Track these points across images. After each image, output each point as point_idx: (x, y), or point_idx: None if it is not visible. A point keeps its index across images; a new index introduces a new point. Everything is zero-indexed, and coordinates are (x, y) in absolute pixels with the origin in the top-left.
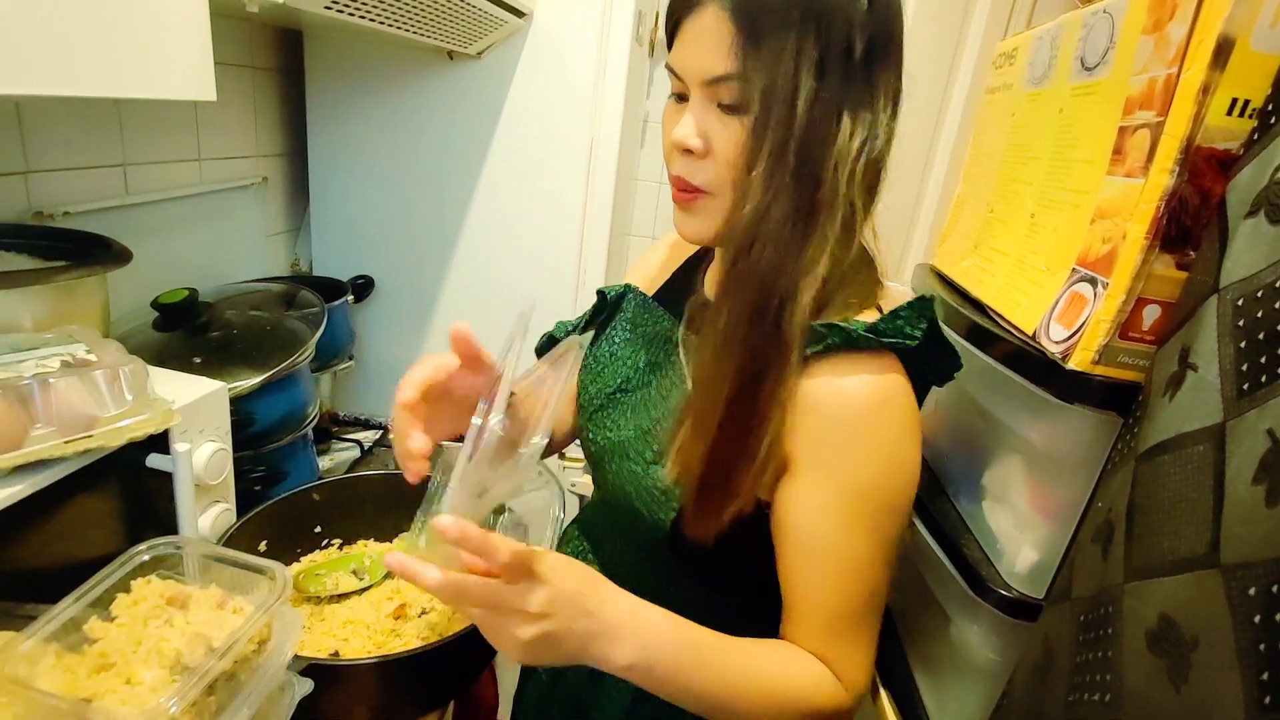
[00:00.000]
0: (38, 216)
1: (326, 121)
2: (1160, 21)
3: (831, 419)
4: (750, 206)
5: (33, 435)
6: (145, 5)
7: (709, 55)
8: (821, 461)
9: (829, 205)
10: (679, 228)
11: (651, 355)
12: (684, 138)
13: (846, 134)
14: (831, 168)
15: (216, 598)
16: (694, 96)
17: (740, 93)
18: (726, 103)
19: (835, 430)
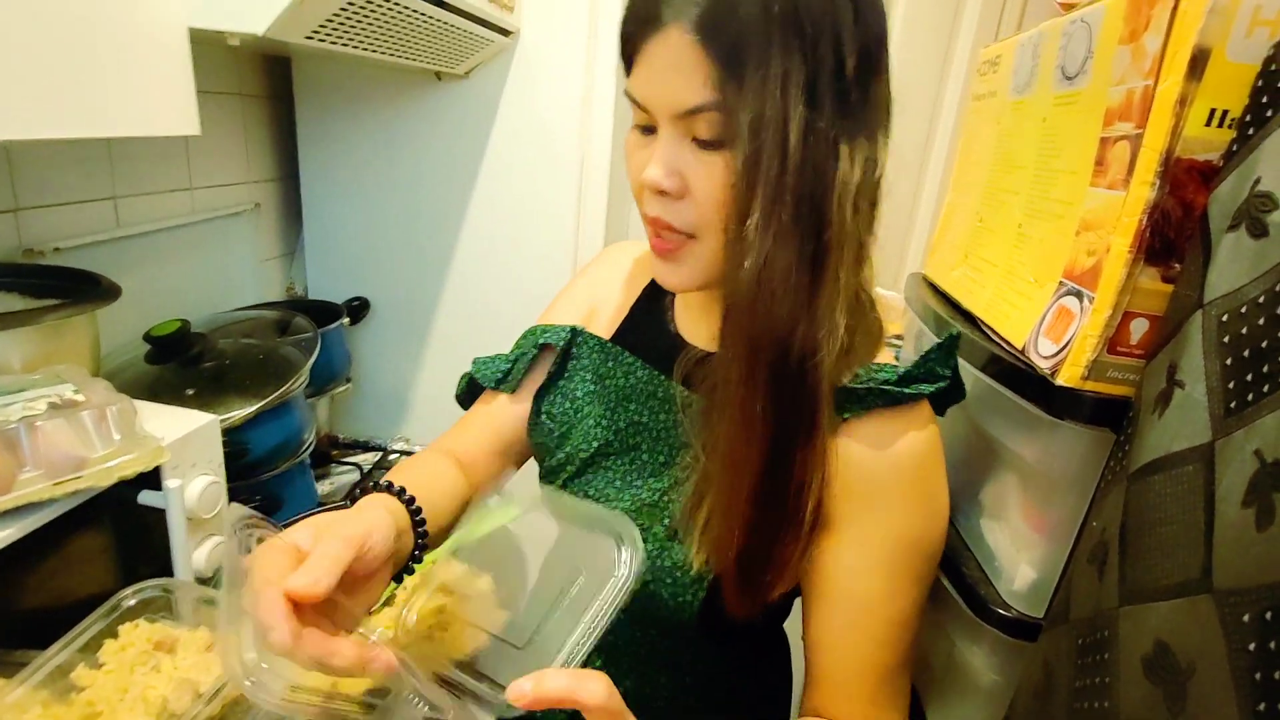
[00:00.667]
0: (28, 254)
1: (317, 145)
2: (1136, 32)
3: (880, 479)
4: (750, 261)
5: (21, 479)
6: (127, 45)
7: (679, 85)
8: (868, 520)
9: (837, 246)
10: (661, 278)
11: (631, 413)
12: (656, 179)
13: (847, 163)
14: (835, 204)
15: (205, 640)
16: (663, 130)
17: (720, 126)
18: (704, 138)
19: (884, 489)
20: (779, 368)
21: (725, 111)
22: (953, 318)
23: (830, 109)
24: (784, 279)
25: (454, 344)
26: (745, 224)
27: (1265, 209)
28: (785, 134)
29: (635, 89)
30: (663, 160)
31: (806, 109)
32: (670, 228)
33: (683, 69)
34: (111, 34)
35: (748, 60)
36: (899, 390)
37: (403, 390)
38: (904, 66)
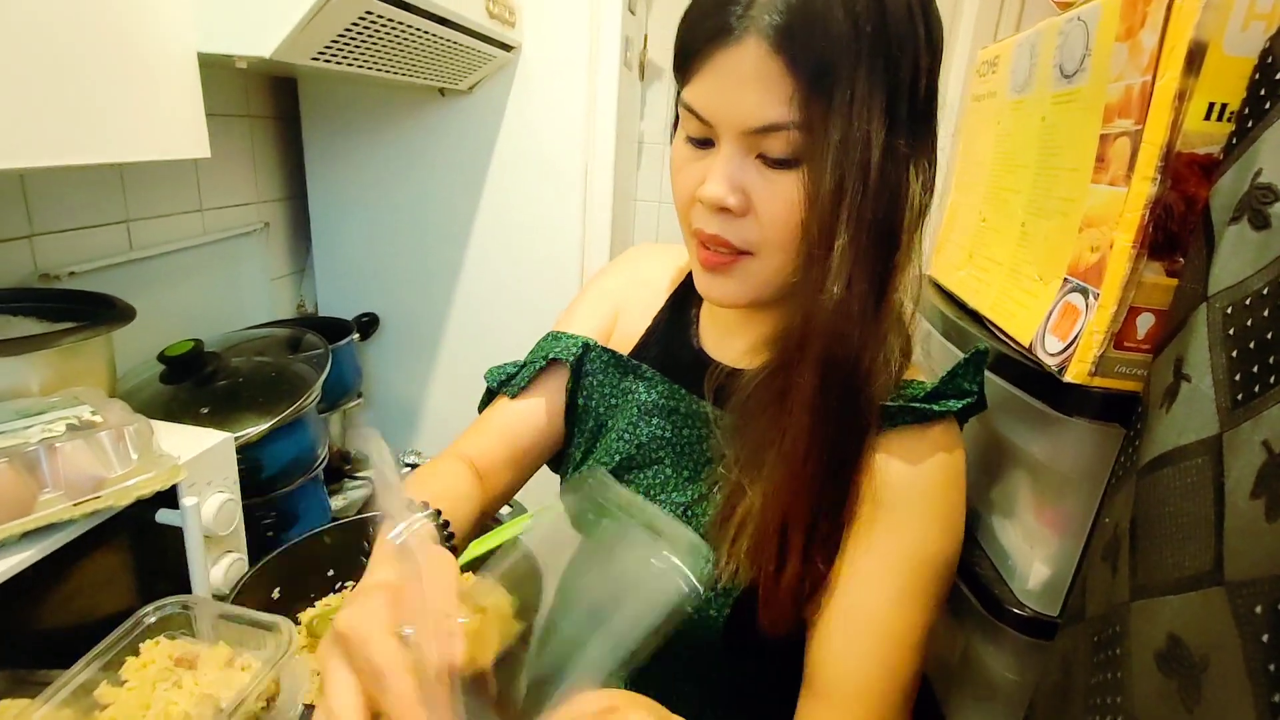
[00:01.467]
0: (44, 278)
1: (324, 164)
2: (1132, 29)
3: (904, 494)
4: (837, 285)
5: (41, 500)
6: (136, 72)
7: (754, 100)
8: (887, 532)
9: (901, 268)
10: (708, 291)
11: (654, 427)
12: (718, 196)
13: (916, 184)
14: (905, 226)
15: (225, 656)
16: (726, 145)
17: (798, 145)
18: (775, 156)
19: (907, 504)
20: (844, 389)
21: (807, 131)
22: (959, 318)
23: (906, 130)
24: (862, 303)
25: (463, 357)
26: (831, 247)
27: (1267, 200)
28: (868, 156)
29: (697, 100)
30: (725, 176)
31: (887, 131)
32: (727, 244)
33: (760, 84)
34: (121, 61)
35: (836, 79)
36: (928, 408)
37: (413, 404)
38: None
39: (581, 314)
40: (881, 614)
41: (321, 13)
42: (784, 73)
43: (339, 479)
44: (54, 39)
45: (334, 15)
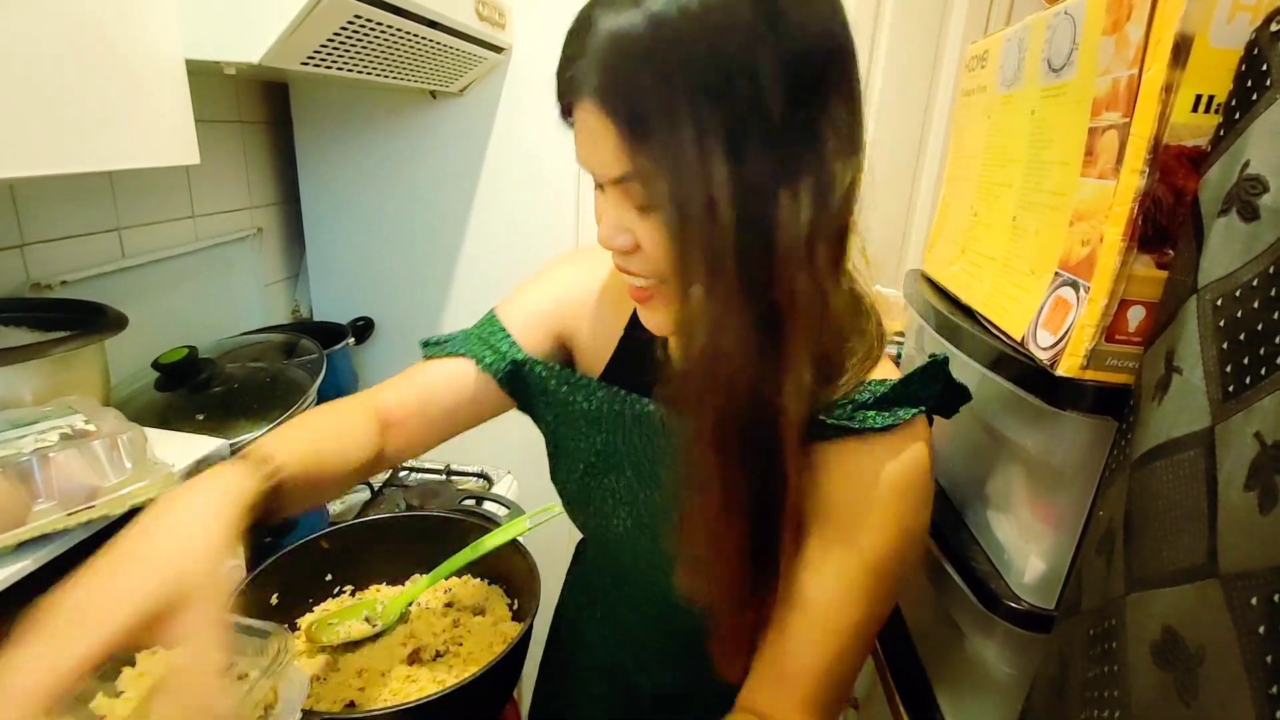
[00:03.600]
0: (36, 288)
1: (317, 168)
2: (1118, 22)
3: (850, 503)
4: (701, 332)
5: (35, 511)
6: (125, 79)
7: (600, 156)
8: (841, 533)
9: (789, 296)
10: (645, 322)
11: (605, 437)
12: (606, 239)
13: (788, 211)
14: (781, 258)
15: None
16: (607, 192)
17: (645, 194)
18: (638, 203)
19: (854, 513)
20: (746, 432)
21: (643, 180)
22: (952, 313)
23: (759, 156)
24: (739, 345)
25: None
26: (689, 293)
27: (1255, 192)
28: (710, 197)
29: (580, 159)
30: (608, 222)
31: (731, 164)
32: (631, 274)
33: (600, 140)
34: (109, 70)
35: (652, 126)
36: (866, 426)
37: None
38: (894, 65)
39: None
40: (827, 608)
41: (309, 18)
42: (610, 127)
43: None
44: (40, 49)
45: (322, 20)
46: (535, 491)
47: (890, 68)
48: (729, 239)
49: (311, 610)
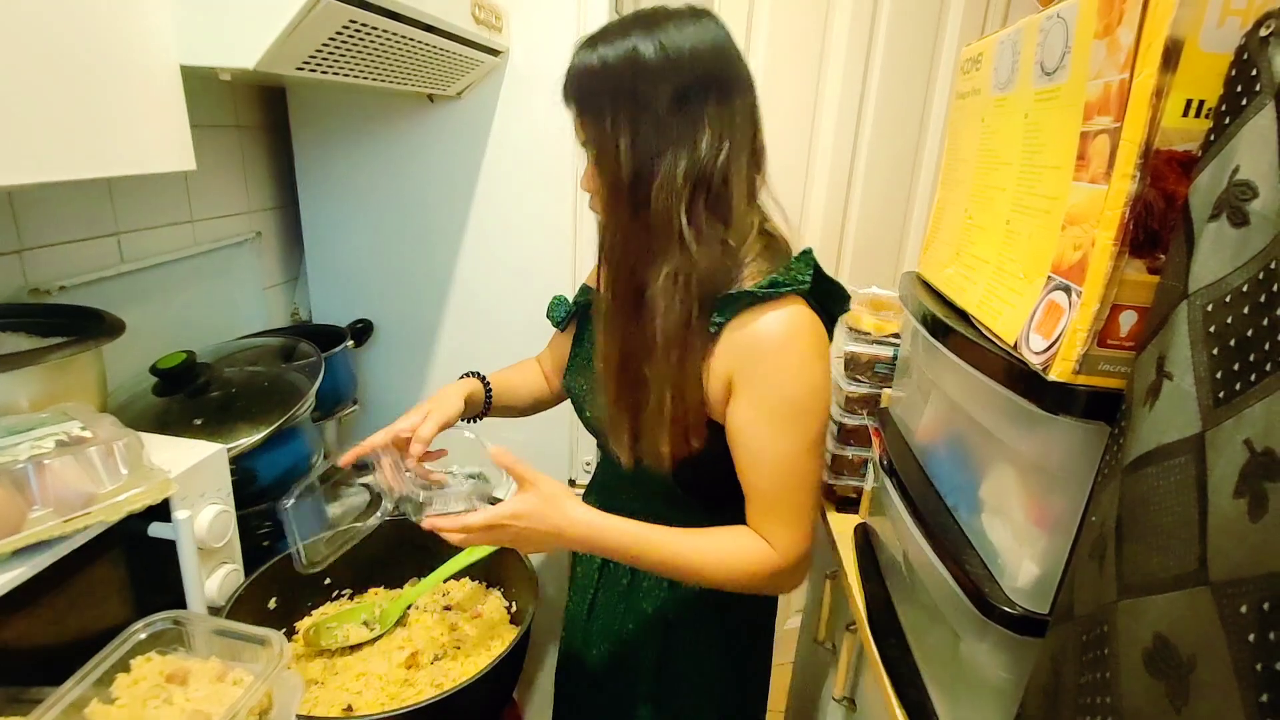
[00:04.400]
0: (34, 293)
1: (315, 172)
2: (1110, 26)
3: (755, 351)
4: (600, 225)
5: (31, 518)
6: (120, 86)
7: (576, 128)
8: (753, 385)
9: (663, 221)
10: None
11: None
12: (584, 186)
13: (670, 167)
14: (658, 187)
15: (216, 670)
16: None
17: (587, 149)
18: (591, 160)
19: (760, 360)
20: (626, 302)
21: (588, 142)
22: (946, 316)
23: (651, 132)
24: (621, 241)
25: (458, 360)
26: (605, 207)
27: (1245, 197)
28: (616, 153)
29: None
30: (584, 171)
31: (630, 134)
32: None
33: (573, 119)
34: (105, 77)
35: (592, 113)
36: (762, 291)
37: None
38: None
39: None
40: (763, 445)
41: (304, 23)
42: (574, 112)
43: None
44: (36, 57)
45: (317, 25)
46: None
47: (886, 70)
48: (624, 176)
49: (310, 614)
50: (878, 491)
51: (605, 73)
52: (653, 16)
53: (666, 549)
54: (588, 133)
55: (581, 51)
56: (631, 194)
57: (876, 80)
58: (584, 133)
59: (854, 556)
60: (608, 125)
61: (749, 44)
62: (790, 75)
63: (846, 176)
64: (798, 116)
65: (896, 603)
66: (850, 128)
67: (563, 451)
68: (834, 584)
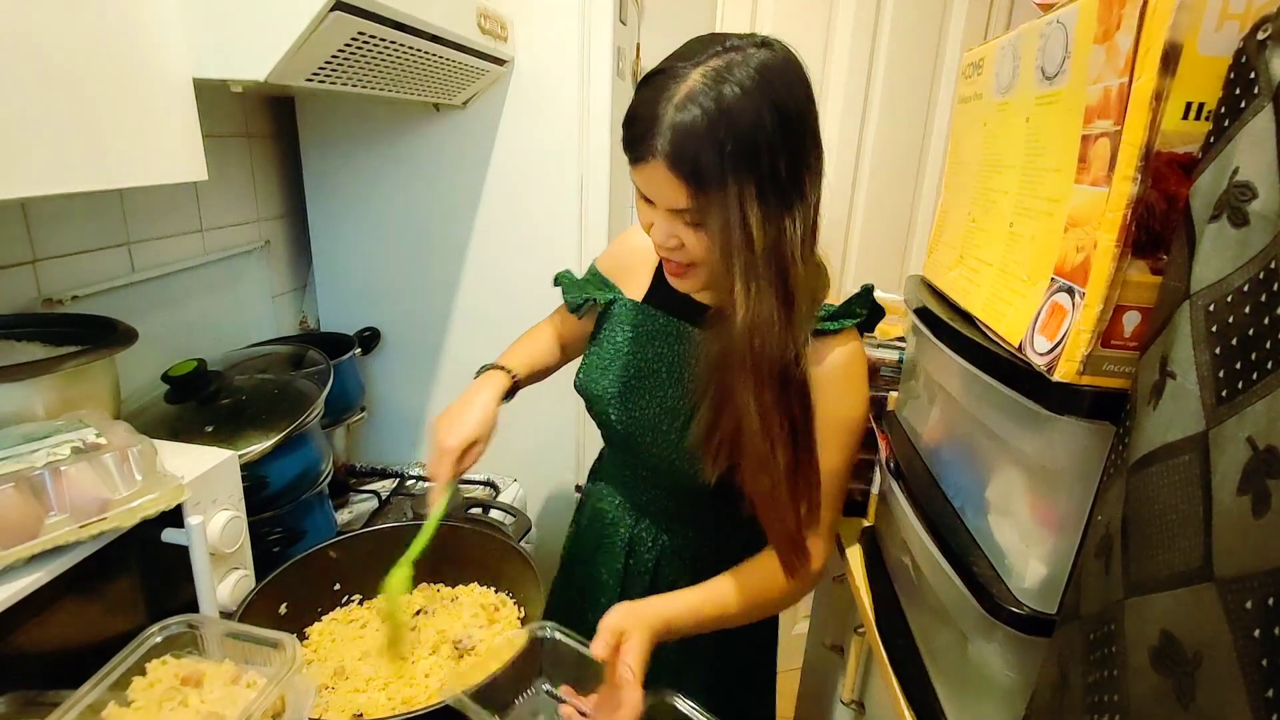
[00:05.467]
0: (47, 303)
1: (323, 181)
2: (1109, 31)
3: (822, 380)
4: (740, 317)
5: (48, 523)
6: (133, 99)
7: (667, 195)
8: (818, 408)
9: (797, 280)
10: (676, 285)
11: (656, 349)
12: (662, 242)
13: (793, 230)
14: (790, 262)
15: (230, 673)
16: (660, 212)
17: (699, 218)
18: (688, 222)
19: (820, 387)
20: (782, 386)
21: (700, 212)
22: (951, 319)
23: (775, 200)
24: (769, 324)
25: (465, 367)
26: (733, 292)
27: (1245, 198)
28: (748, 229)
29: (639, 184)
30: (662, 231)
31: (759, 206)
32: (675, 262)
33: (667, 186)
34: (118, 90)
35: (710, 183)
36: (827, 326)
37: (417, 415)
38: (894, 72)
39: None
40: (824, 464)
41: (314, 35)
42: (677, 181)
43: (344, 493)
44: (51, 70)
45: (327, 37)
46: (541, 498)
47: (890, 74)
48: (759, 253)
49: (320, 620)
50: (884, 494)
51: (717, 148)
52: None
53: (726, 606)
54: (703, 207)
55: (689, 115)
56: (769, 271)
57: (880, 84)
58: (696, 205)
59: (861, 559)
60: (734, 201)
61: None
62: None
63: (851, 180)
64: None
65: (904, 605)
66: (854, 131)
67: (569, 455)
68: (841, 587)
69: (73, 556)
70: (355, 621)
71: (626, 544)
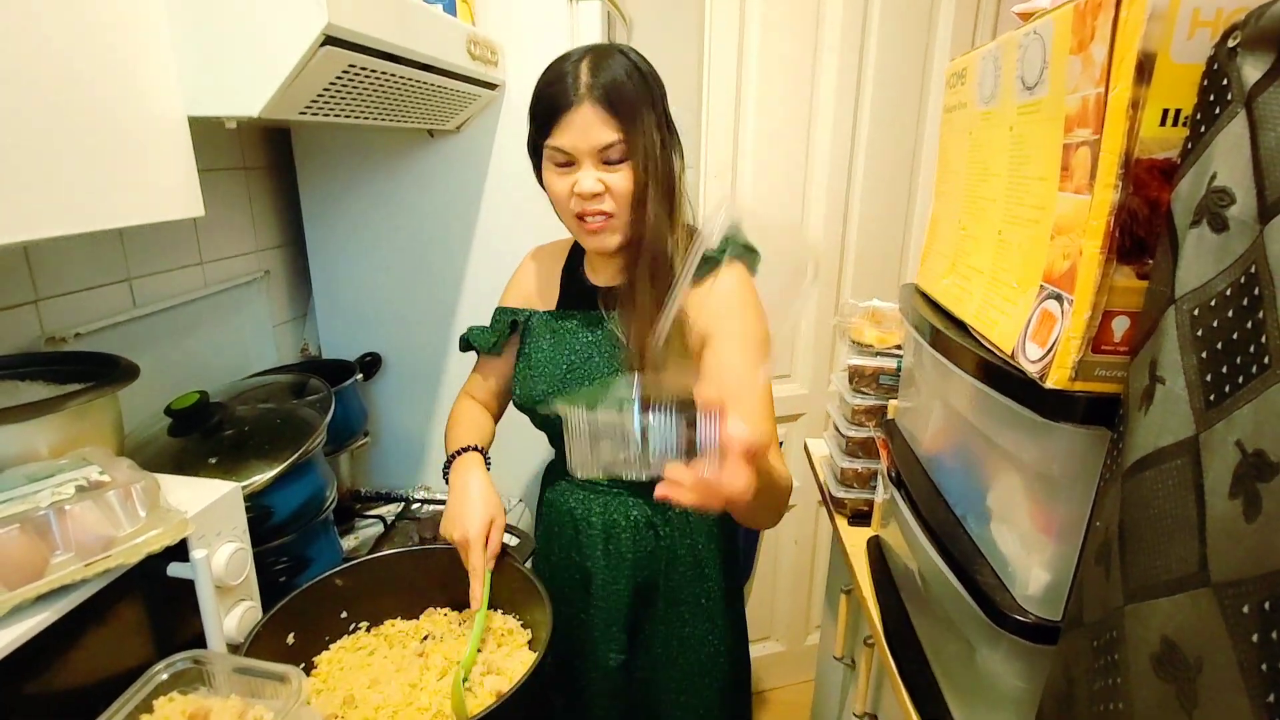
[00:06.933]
0: (50, 341)
1: (320, 209)
2: (1083, 42)
3: (729, 302)
4: (651, 222)
5: (54, 563)
6: (129, 139)
7: (596, 133)
8: (725, 329)
9: (677, 205)
10: (597, 246)
11: (582, 340)
12: (590, 189)
13: (679, 160)
14: (676, 183)
15: (237, 708)
16: (584, 161)
17: (623, 151)
18: (613, 159)
19: (723, 313)
20: (665, 274)
21: (626, 143)
22: (945, 327)
23: (667, 134)
24: (660, 224)
25: None
26: (645, 202)
27: (1223, 204)
28: (658, 153)
29: (560, 141)
30: (589, 180)
31: (659, 134)
32: (599, 213)
33: (597, 123)
34: (114, 131)
35: (633, 115)
36: (714, 256)
37: (420, 439)
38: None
39: (510, 295)
40: (740, 373)
41: (306, 70)
42: (607, 115)
43: (349, 519)
44: (45, 116)
45: (318, 71)
46: None
47: (879, 82)
48: (663, 173)
49: (328, 648)
50: (888, 504)
51: (634, 86)
52: (605, 45)
53: None
54: (629, 135)
55: (605, 67)
56: (667, 189)
57: (870, 93)
58: (623, 135)
59: (868, 570)
60: (651, 129)
61: (740, 64)
62: (784, 95)
63: (844, 191)
64: (792, 133)
65: (912, 615)
66: (845, 142)
67: None
68: (850, 599)
69: (79, 595)
70: (363, 649)
71: (602, 529)
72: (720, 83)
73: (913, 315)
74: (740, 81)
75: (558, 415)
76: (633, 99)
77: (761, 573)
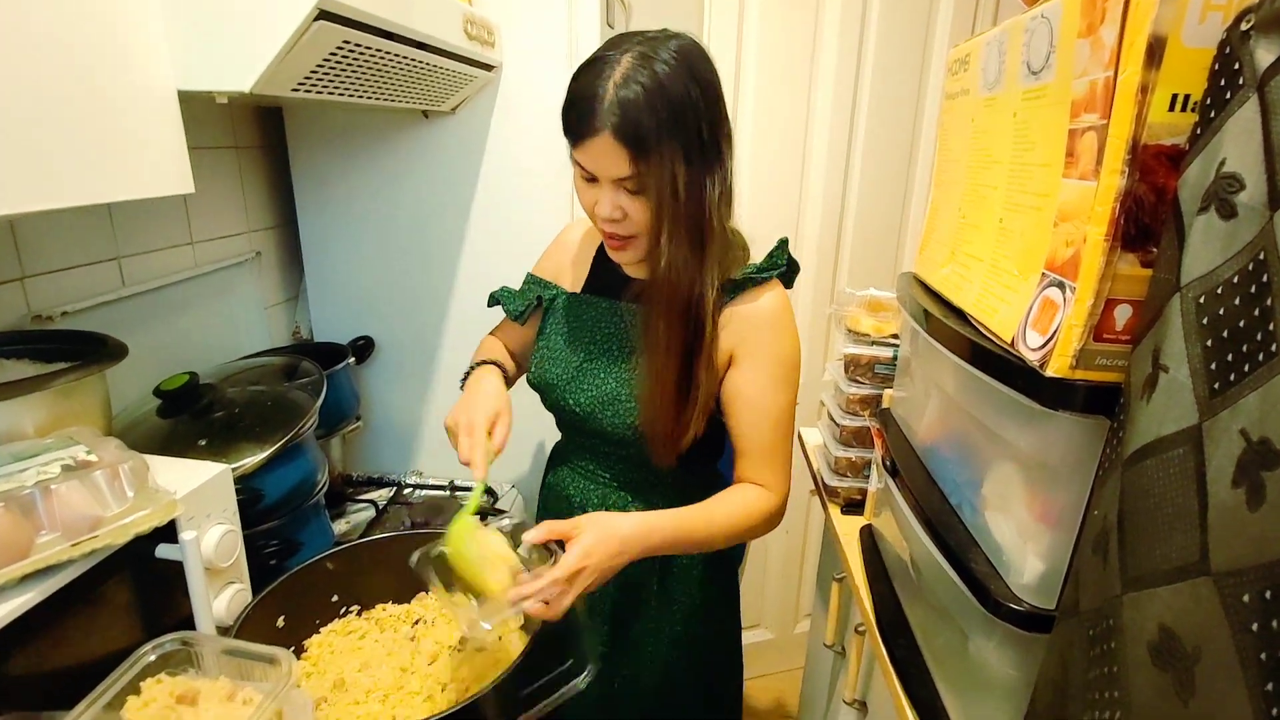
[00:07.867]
0: (37, 319)
1: (313, 190)
2: (1093, 25)
3: (757, 325)
4: (664, 260)
5: (39, 543)
6: (118, 113)
7: (612, 164)
8: (750, 350)
9: (711, 236)
10: (616, 260)
11: (602, 330)
12: (608, 214)
13: (712, 192)
14: (707, 216)
15: (226, 689)
16: (605, 184)
17: (638, 185)
18: (630, 189)
19: (760, 331)
20: (685, 316)
21: (639, 178)
22: (944, 315)
23: (699, 164)
24: (684, 265)
25: (459, 374)
26: (660, 241)
27: (1232, 190)
28: (676, 189)
29: (584, 162)
30: (609, 202)
31: (686, 169)
32: (620, 237)
33: (612, 156)
34: (104, 104)
35: (649, 150)
36: (754, 276)
37: (412, 424)
38: (882, 69)
39: (543, 265)
40: (772, 403)
41: (299, 45)
42: (621, 150)
43: (341, 503)
44: (34, 87)
45: (312, 47)
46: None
47: (878, 71)
48: (684, 209)
49: (318, 631)
50: (882, 493)
51: (658, 116)
52: (657, 43)
53: (700, 529)
54: (642, 171)
55: (631, 90)
56: (689, 225)
57: (869, 81)
58: (636, 170)
59: (861, 559)
60: (667, 164)
61: (739, 55)
62: (783, 81)
63: (842, 179)
64: (791, 122)
65: (905, 603)
66: (844, 131)
67: None
68: (841, 587)
69: (65, 575)
70: (354, 633)
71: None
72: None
73: (910, 303)
74: (739, 68)
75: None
76: (652, 133)
77: (751, 561)
